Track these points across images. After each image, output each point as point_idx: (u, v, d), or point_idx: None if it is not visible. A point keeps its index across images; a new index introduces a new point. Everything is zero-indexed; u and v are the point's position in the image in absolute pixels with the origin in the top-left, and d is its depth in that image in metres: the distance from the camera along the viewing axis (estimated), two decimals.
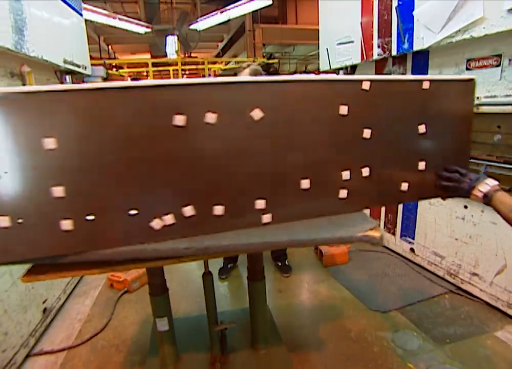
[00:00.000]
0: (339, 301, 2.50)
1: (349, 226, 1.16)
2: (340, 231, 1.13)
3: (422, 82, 1.22)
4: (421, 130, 1.27)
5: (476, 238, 2.35)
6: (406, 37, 2.54)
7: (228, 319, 1.88)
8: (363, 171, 1.23)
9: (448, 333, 2.12)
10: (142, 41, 10.45)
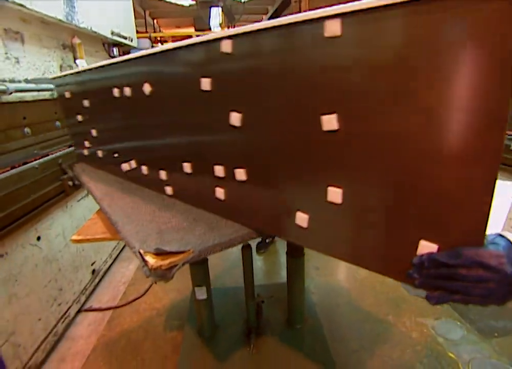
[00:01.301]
0: (378, 282, 2.42)
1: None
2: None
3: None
4: (328, 126, 0.68)
5: None
6: None
7: (264, 292, 1.90)
8: (237, 174, 0.90)
9: (497, 327, 2.00)
10: (187, 15, 10.37)
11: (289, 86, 0.70)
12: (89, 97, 1.47)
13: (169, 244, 0.79)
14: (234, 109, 0.83)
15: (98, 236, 1.19)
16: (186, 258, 0.76)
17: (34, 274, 1.76)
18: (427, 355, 1.82)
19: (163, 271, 0.72)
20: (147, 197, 1.28)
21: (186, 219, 1.02)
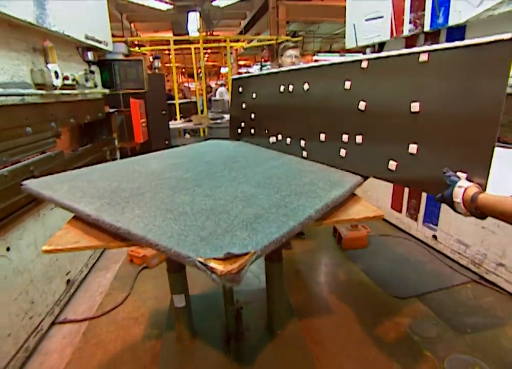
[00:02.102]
0: (357, 285, 2.46)
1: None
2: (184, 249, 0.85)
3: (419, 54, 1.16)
4: (414, 108, 1.17)
5: (504, 227, 2.24)
6: (442, 10, 2.37)
7: (243, 298, 1.89)
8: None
9: (469, 323, 2.06)
10: (164, 19, 10.30)
11: (396, 87, 1.24)
12: (257, 91, 2.08)
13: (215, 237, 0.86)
14: (363, 99, 1.37)
15: (70, 245, 1.15)
16: (251, 259, 0.78)
17: (3, 287, 1.69)
18: (403, 354, 1.86)
19: (233, 275, 0.73)
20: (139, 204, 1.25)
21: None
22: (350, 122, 1.42)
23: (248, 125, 2.19)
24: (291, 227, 0.87)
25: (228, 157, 1.75)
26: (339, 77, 1.46)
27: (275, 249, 1.64)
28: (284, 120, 1.83)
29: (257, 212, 0.96)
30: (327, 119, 1.55)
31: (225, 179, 1.35)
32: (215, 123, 5.40)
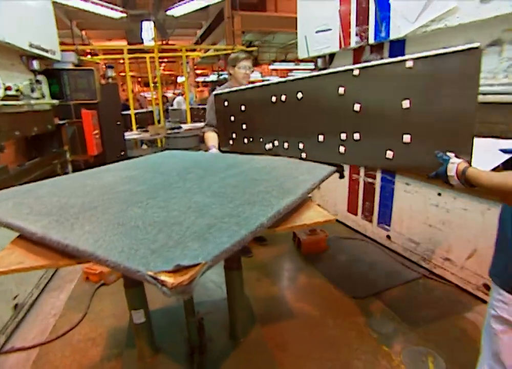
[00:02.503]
0: (317, 288, 2.53)
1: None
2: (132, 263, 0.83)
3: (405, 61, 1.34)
4: (405, 105, 1.36)
5: (449, 224, 2.41)
6: (383, 25, 2.54)
7: (206, 309, 1.88)
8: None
9: (422, 316, 2.19)
10: (118, 27, 10.06)
11: (387, 89, 1.40)
12: (245, 104, 2.15)
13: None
14: (358, 102, 1.52)
15: (14, 266, 1.08)
16: (202, 269, 0.77)
17: None
18: (363, 351, 1.93)
19: (184, 287, 0.72)
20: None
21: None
22: (347, 122, 1.59)
23: (240, 135, 2.29)
24: (243, 236, 0.88)
25: (184, 167, 1.75)
26: (332, 84, 1.62)
27: (233, 257, 1.66)
28: (279, 127, 1.99)
29: (210, 223, 0.97)
30: (324, 121, 1.72)
31: (179, 190, 1.34)
32: (173, 133, 5.34)
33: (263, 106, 2.02)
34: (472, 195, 2.19)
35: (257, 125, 2.15)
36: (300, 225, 1.12)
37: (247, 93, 2.16)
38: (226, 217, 1.00)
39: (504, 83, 1.98)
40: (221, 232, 0.91)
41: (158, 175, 1.63)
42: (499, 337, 1.14)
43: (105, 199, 1.34)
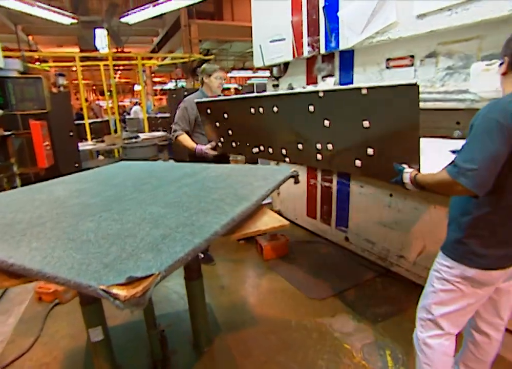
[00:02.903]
0: (280, 292, 2.57)
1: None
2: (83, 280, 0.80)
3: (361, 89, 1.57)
4: (365, 125, 1.60)
5: (401, 223, 2.56)
6: (333, 36, 2.66)
7: (169, 321, 1.84)
8: (328, 147, 1.88)
9: (380, 313, 2.29)
10: (69, 33, 9.67)
11: (349, 110, 1.64)
12: (228, 112, 2.37)
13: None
14: (326, 118, 1.77)
15: None
16: (155, 280, 0.76)
17: None
18: (326, 351, 1.99)
19: (138, 299, 0.72)
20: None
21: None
22: (320, 134, 1.84)
23: (228, 140, 2.54)
24: (196, 244, 0.89)
25: (139, 178, 1.72)
26: (303, 102, 1.85)
27: (193, 267, 1.65)
28: (261, 134, 2.24)
29: (164, 233, 0.96)
30: (301, 132, 1.98)
31: (134, 201, 1.32)
32: (130, 143, 5.20)
33: (244, 116, 2.23)
34: (421, 196, 2.34)
35: (241, 132, 2.39)
36: (255, 231, 1.15)
37: (227, 104, 2.38)
38: (180, 227, 1.00)
39: (441, 91, 2.15)
40: (175, 242, 0.91)
41: (112, 187, 1.59)
42: (437, 294, 1.38)
43: (55, 214, 1.29)
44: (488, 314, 1.43)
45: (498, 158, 1.10)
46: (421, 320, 1.46)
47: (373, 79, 2.59)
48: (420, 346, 1.45)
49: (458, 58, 2.06)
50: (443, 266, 1.36)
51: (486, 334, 1.45)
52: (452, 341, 1.41)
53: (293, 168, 1.61)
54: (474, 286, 1.30)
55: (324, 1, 2.69)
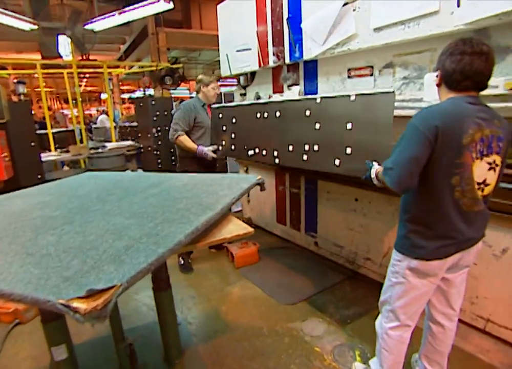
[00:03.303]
0: (252, 300, 2.58)
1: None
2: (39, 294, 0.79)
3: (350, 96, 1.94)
4: (348, 127, 1.92)
5: (367, 227, 2.65)
6: (297, 46, 2.75)
7: (138, 333, 1.81)
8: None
9: (349, 314, 2.35)
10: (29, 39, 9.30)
11: (338, 114, 1.96)
12: (236, 117, 2.70)
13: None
14: (318, 122, 2.08)
15: None
16: (117, 292, 0.76)
17: None
18: (298, 355, 2.01)
19: (99, 312, 0.71)
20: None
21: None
22: (310, 136, 2.11)
23: (228, 143, 2.80)
24: (160, 254, 0.89)
25: (104, 189, 1.69)
26: (301, 107, 2.19)
27: (161, 278, 1.63)
28: (261, 137, 2.50)
29: (128, 244, 0.96)
30: (294, 135, 2.24)
31: (98, 213, 1.30)
32: (96, 153, 5.06)
33: (250, 120, 2.55)
34: (384, 200, 2.44)
35: (243, 135, 2.65)
36: (220, 239, 1.16)
37: (238, 109, 2.71)
38: (144, 237, 1.00)
39: (398, 99, 2.27)
40: (139, 252, 0.91)
41: (76, 199, 1.55)
42: (394, 287, 1.52)
43: (13, 228, 1.24)
44: (441, 305, 1.56)
45: (415, 160, 1.25)
46: (385, 311, 1.59)
47: (336, 88, 2.69)
48: (382, 334, 1.60)
49: (413, 69, 2.19)
50: (395, 261, 1.49)
51: (440, 325, 1.58)
52: (409, 333, 1.56)
53: (259, 176, 1.64)
54: (420, 276, 1.42)
55: (288, 12, 2.77)
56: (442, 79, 1.35)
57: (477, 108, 1.27)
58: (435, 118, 1.23)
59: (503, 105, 1.74)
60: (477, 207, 1.33)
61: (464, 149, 1.22)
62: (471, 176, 1.26)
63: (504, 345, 1.98)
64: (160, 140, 5.38)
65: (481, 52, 1.22)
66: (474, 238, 1.41)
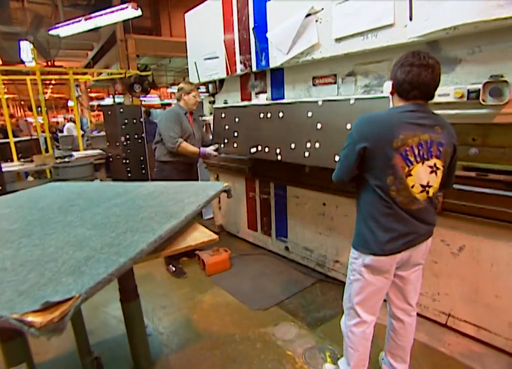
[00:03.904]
0: (224, 307, 2.57)
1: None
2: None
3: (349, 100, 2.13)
4: (348, 127, 2.09)
5: (335, 230, 2.72)
6: (263, 55, 2.81)
7: (107, 347, 1.76)
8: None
9: (319, 317, 2.39)
10: None
11: (338, 116, 2.17)
12: (239, 116, 2.90)
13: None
14: (319, 122, 2.26)
15: None
16: (75, 303, 0.74)
17: None
18: (270, 360, 2.02)
19: (56, 324, 0.70)
20: None
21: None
22: (312, 135, 2.25)
23: (230, 141, 2.99)
24: (121, 263, 0.89)
25: (67, 200, 1.65)
26: (304, 109, 2.36)
27: (129, 288, 1.61)
28: (263, 136, 2.64)
29: (88, 255, 0.95)
30: (296, 134, 2.40)
31: (59, 224, 1.27)
32: (63, 162, 4.90)
33: (253, 119, 2.72)
34: (350, 203, 2.52)
35: (245, 133, 2.81)
36: (185, 247, 1.17)
37: (241, 109, 2.90)
38: (105, 247, 0.99)
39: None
40: (99, 263, 0.90)
41: (37, 211, 1.51)
42: (352, 284, 1.59)
43: None
44: (399, 301, 1.64)
45: (347, 162, 1.46)
46: (346, 309, 1.66)
47: (302, 96, 2.77)
48: (347, 332, 1.66)
49: (373, 77, 2.30)
50: (352, 259, 1.58)
51: (400, 320, 1.65)
52: (371, 329, 1.63)
53: (226, 183, 1.66)
54: (374, 273, 1.50)
55: (254, 22, 2.83)
56: (393, 88, 1.45)
57: (419, 115, 1.38)
58: (365, 125, 1.42)
59: (454, 112, 1.86)
60: (416, 205, 1.41)
61: (395, 152, 1.34)
62: (403, 176, 1.36)
63: (464, 338, 2.09)
64: (129, 148, 5.28)
65: (427, 65, 1.33)
66: (420, 235, 1.48)
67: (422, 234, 1.49)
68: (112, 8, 6.16)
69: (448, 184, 1.56)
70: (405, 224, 1.42)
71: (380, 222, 1.44)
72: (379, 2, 1.97)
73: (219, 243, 3.51)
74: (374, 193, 1.43)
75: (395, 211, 1.40)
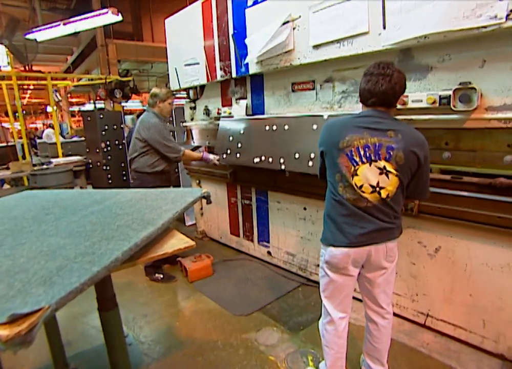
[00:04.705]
0: (206, 313, 2.55)
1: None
2: None
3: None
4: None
5: (316, 234, 2.75)
6: (243, 61, 2.83)
7: (86, 358, 1.72)
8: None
9: (302, 321, 2.40)
10: None
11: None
12: (244, 128, 2.95)
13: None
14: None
15: None
16: (44, 314, 0.73)
17: None
18: (252, 366, 2.02)
19: (23, 337, 0.68)
20: None
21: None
22: (315, 146, 2.21)
23: (233, 151, 3.01)
24: (94, 272, 0.87)
25: (42, 208, 1.61)
26: (308, 122, 2.42)
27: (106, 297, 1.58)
28: (267, 146, 2.73)
29: (60, 264, 0.93)
30: (301, 145, 2.47)
31: (32, 234, 1.24)
32: (41, 169, 4.78)
33: (258, 131, 2.80)
34: None
35: (250, 144, 2.88)
36: (161, 254, 1.16)
37: (246, 122, 2.96)
38: (79, 256, 0.98)
39: (339, 112, 2.42)
40: (72, 272, 0.88)
41: (9, 220, 1.47)
42: (321, 282, 1.68)
43: None
44: (372, 304, 1.68)
45: (319, 161, 1.69)
46: (322, 308, 1.73)
47: (281, 102, 2.80)
48: (322, 331, 1.74)
49: (350, 84, 2.35)
50: (320, 256, 1.66)
51: (374, 322, 1.69)
52: (342, 327, 1.67)
53: (205, 189, 1.66)
54: (332, 270, 1.58)
55: (233, 28, 2.86)
56: (359, 96, 1.56)
57: (372, 120, 1.47)
58: (324, 130, 1.62)
59: (427, 117, 1.93)
60: (363, 203, 1.47)
61: (341, 152, 1.48)
62: (348, 174, 1.47)
63: (441, 337, 2.14)
64: (110, 155, 5.20)
65: (385, 74, 1.42)
66: (371, 231, 1.48)
67: (375, 231, 1.48)
68: (92, 13, 6.09)
69: (417, 193, 1.59)
70: (355, 218, 1.49)
71: (332, 216, 1.56)
72: (354, 10, 2.03)
73: (201, 249, 3.51)
74: (329, 189, 1.59)
75: (346, 207, 1.50)
